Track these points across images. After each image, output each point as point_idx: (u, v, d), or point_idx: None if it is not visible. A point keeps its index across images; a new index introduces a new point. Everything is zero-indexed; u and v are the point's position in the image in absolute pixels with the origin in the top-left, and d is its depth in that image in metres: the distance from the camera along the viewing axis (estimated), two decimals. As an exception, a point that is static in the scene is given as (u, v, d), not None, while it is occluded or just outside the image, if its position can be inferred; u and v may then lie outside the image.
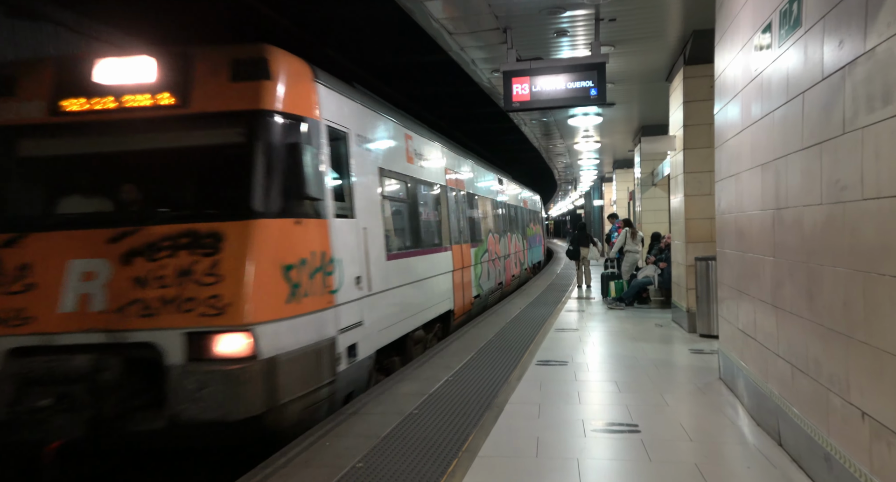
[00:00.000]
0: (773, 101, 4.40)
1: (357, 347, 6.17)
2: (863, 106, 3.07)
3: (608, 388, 6.27)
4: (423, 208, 9.27)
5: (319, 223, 5.53)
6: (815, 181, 3.67)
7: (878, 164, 2.93)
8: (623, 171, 23.48)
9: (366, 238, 6.54)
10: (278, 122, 5.21)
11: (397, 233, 8.01)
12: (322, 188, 5.63)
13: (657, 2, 7.25)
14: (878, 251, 2.94)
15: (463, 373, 7.00)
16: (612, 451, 4.56)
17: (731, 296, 5.94)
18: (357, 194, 6.43)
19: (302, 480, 4.14)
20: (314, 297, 5.30)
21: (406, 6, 7.23)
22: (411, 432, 5.01)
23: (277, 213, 5.04)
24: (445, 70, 15.26)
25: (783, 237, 4.29)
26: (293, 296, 5.04)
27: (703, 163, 8.68)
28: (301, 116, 5.44)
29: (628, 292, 12.47)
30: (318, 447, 4.76)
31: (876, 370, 2.99)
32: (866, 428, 3.11)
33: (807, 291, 3.86)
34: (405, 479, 4.09)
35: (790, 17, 4.04)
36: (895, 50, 2.76)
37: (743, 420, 5.16)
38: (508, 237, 16.84)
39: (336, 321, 5.69)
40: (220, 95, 5.12)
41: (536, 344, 8.61)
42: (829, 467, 3.60)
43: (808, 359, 3.86)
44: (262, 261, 4.81)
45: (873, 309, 3.01)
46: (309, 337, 5.20)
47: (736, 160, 5.53)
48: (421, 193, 9.29)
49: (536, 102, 7.70)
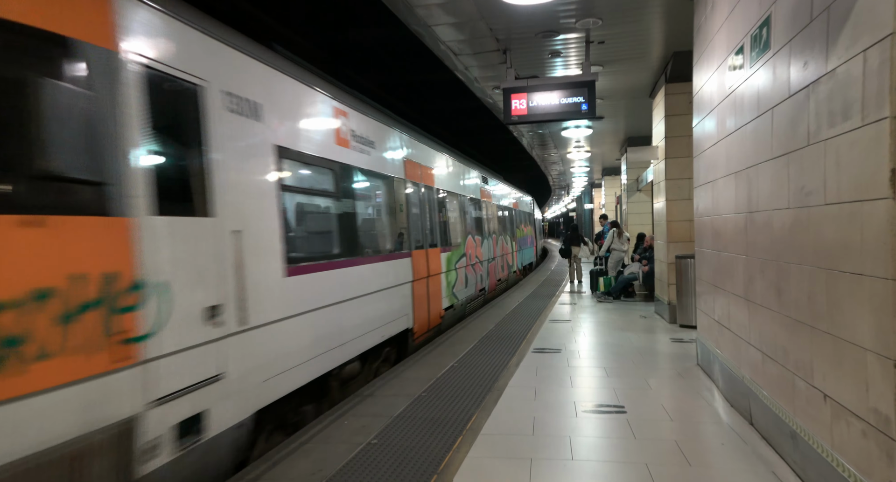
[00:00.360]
0: (746, 115, 4.41)
1: (207, 417, 3.70)
2: (825, 120, 3.08)
3: (597, 374, 6.28)
4: (364, 205, 6.56)
5: (101, 224, 3.06)
6: (783, 187, 3.68)
7: (839, 173, 2.94)
8: (611, 177, 23.47)
9: (239, 246, 4.09)
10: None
11: (313, 238, 5.58)
12: (116, 163, 3.15)
13: (641, 27, 7.26)
14: (839, 250, 2.96)
15: (467, 359, 7.02)
16: (600, 430, 4.58)
17: (708, 291, 5.95)
18: (222, 181, 3.97)
19: (323, 455, 4.17)
20: (73, 357, 2.81)
21: (416, 31, 7.26)
22: (420, 412, 5.04)
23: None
24: (451, 87, 15.31)
25: (755, 237, 4.29)
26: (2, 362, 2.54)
27: (682, 170, 8.73)
28: (63, 38, 2.95)
29: (615, 287, 12.46)
30: (337, 425, 4.79)
31: (837, 357, 3.01)
32: (828, 408, 3.12)
33: (776, 286, 3.87)
34: (416, 454, 4.12)
35: (760, 40, 4.05)
36: (853, 71, 2.77)
37: (718, 401, 5.16)
38: (494, 239, 14.22)
39: (142, 387, 3.20)
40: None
41: (533, 333, 8.62)
42: (794, 444, 3.61)
43: (777, 347, 3.88)
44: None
45: (834, 302, 3.02)
46: (53, 430, 2.74)
47: (712, 168, 5.53)
48: (361, 187, 6.53)
49: (533, 116, 7.74)
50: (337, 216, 5.87)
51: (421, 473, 3.80)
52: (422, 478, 3.73)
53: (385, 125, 7.42)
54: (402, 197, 7.87)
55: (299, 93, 5.25)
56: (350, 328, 5.87)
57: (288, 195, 4.92)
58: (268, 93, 4.69)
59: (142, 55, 3.41)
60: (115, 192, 3.14)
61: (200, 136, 3.84)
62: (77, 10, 3.07)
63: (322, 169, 5.64)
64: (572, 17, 6.87)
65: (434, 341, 8.34)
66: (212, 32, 4.09)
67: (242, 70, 4.40)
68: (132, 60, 3.34)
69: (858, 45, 2.72)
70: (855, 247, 2.79)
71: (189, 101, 3.80)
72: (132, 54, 3.34)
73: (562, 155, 19.55)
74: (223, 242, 3.95)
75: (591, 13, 6.75)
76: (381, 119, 7.39)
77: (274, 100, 4.77)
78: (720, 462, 3.91)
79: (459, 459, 4.01)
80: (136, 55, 3.37)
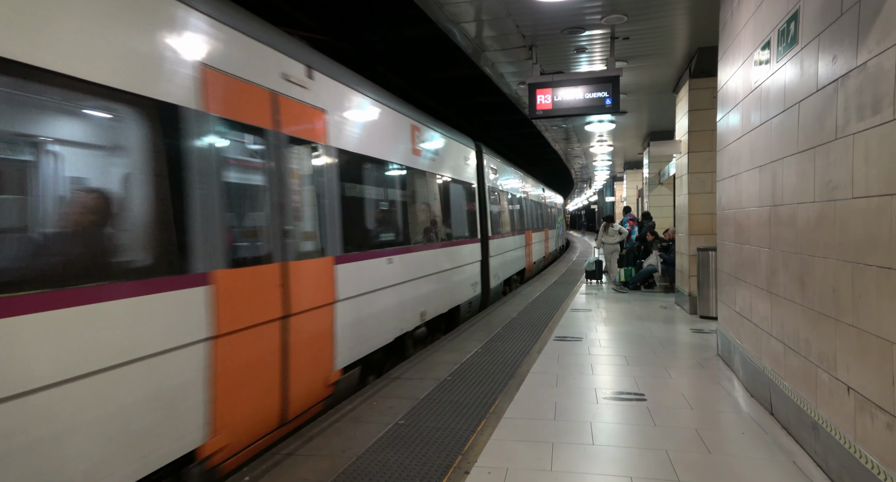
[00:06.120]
0: (771, 109, 4.28)
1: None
2: (854, 114, 2.96)
3: (618, 362, 6.21)
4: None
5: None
6: (809, 181, 3.57)
7: (867, 167, 2.83)
8: (633, 171, 23.13)
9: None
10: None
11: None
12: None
13: (666, 23, 7.09)
14: (865, 244, 2.85)
15: (490, 345, 7.00)
16: (621, 417, 4.52)
17: (729, 283, 5.82)
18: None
19: (354, 434, 4.20)
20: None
21: (446, 28, 7.20)
22: (445, 395, 5.05)
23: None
24: (478, 83, 15.19)
25: (778, 231, 4.18)
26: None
27: (705, 164, 8.57)
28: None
29: (635, 278, 12.31)
30: (367, 405, 4.82)
31: (861, 349, 2.91)
32: (851, 401, 3.03)
33: (799, 279, 3.76)
34: (441, 435, 4.13)
35: (788, 35, 3.91)
36: (884, 64, 2.66)
37: (738, 392, 5.06)
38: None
39: None
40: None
41: (555, 321, 8.56)
42: (816, 435, 3.52)
43: (799, 339, 3.77)
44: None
45: (860, 295, 2.92)
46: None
47: (736, 162, 5.39)
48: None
49: (557, 111, 7.64)
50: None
51: (446, 454, 3.80)
52: (447, 458, 3.74)
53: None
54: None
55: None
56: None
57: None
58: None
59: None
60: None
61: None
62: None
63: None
64: (598, 14, 6.74)
65: (459, 328, 8.34)
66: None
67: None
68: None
69: (890, 38, 2.60)
70: (882, 240, 2.69)
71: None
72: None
73: (584, 149, 19.31)
74: None
75: (616, 9, 6.61)
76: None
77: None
78: (740, 450, 3.83)
79: (483, 441, 4.00)
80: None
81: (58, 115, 2.71)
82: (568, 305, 10.21)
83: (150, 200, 3.01)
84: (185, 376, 3.16)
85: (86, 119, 2.87)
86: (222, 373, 3.43)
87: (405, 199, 6.75)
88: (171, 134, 3.14)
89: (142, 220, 2.97)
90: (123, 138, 2.96)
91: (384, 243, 6.04)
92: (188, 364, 3.19)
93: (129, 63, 2.89)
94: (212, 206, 3.39)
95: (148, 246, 3.00)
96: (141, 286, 2.87)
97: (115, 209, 2.88)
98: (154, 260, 3.01)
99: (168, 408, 3.04)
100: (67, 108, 2.72)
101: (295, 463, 3.75)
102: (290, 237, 4.23)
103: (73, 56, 2.60)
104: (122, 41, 2.86)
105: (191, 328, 3.20)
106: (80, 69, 2.62)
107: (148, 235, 3.00)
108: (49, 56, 2.49)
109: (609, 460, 3.72)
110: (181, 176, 3.18)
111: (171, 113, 3.13)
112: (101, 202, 2.84)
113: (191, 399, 3.20)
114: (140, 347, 2.86)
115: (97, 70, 2.71)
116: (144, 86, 2.96)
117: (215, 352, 3.37)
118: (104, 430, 2.68)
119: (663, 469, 3.54)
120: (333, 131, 4.95)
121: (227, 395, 3.48)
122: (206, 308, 3.31)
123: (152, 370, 2.94)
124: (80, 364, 2.55)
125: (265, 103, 4.01)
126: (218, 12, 3.59)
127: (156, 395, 2.96)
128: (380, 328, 5.79)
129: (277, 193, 4.12)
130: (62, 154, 2.75)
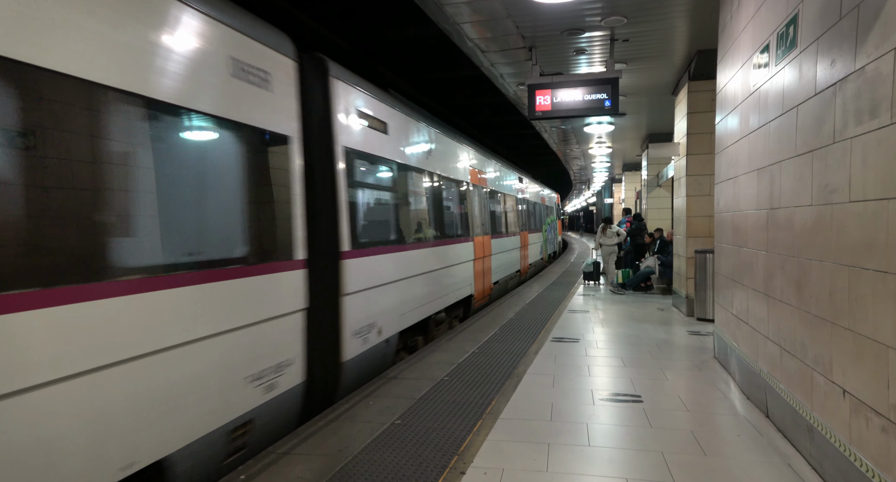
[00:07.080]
0: (770, 113, 4.27)
1: None
2: (852, 118, 2.96)
3: (614, 363, 6.20)
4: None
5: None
6: (807, 184, 3.56)
7: (865, 171, 2.83)
8: (631, 173, 23.11)
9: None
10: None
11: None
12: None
13: (666, 26, 7.09)
14: (862, 248, 2.85)
15: (487, 346, 6.99)
16: (617, 418, 4.52)
17: (726, 285, 5.82)
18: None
19: (349, 433, 4.19)
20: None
21: (445, 28, 7.19)
22: (442, 396, 5.04)
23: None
24: (477, 83, 15.19)
25: (776, 234, 4.17)
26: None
27: (703, 167, 8.56)
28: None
29: (633, 280, 12.31)
30: (363, 405, 4.81)
31: (857, 353, 2.91)
32: (847, 404, 3.03)
33: (796, 282, 3.75)
34: (437, 435, 4.12)
35: (787, 39, 3.91)
36: (882, 68, 2.65)
37: (734, 394, 5.06)
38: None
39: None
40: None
41: (552, 323, 8.55)
42: (811, 437, 3.52)
43: (795, 341, 3.77)
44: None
45: (856, 299, 2.91)
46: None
47: (734, 165, 5.39)
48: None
49: (557, 112, 7.63)
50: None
51: (443, 454, 3.79)
52: (443, 458, 3.73)
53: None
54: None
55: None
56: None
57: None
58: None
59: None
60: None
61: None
62: None
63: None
64: (598, 16, 6.74)
65: (456, 328, 8.33)
66: None
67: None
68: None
69: (888, 43, 2.60)
70: (879, 244, 2.68)
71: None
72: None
73: (583, 150, 19.30)
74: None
75: (616, 11, 6.60)
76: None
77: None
78: (736, 453, 3.83)
79: (479, 441, 3.99)
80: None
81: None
82: (566, 307, 10.20)
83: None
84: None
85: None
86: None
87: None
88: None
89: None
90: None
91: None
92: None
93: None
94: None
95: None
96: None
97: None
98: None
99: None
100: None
101: (291, 462, 3.74)
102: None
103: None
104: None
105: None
106: None
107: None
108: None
109: (605, 461, 3.71)
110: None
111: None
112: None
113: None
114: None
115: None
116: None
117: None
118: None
119: (659, 471, 3.53)
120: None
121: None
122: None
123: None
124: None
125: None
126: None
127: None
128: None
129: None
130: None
